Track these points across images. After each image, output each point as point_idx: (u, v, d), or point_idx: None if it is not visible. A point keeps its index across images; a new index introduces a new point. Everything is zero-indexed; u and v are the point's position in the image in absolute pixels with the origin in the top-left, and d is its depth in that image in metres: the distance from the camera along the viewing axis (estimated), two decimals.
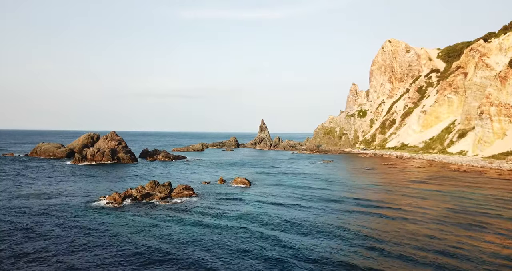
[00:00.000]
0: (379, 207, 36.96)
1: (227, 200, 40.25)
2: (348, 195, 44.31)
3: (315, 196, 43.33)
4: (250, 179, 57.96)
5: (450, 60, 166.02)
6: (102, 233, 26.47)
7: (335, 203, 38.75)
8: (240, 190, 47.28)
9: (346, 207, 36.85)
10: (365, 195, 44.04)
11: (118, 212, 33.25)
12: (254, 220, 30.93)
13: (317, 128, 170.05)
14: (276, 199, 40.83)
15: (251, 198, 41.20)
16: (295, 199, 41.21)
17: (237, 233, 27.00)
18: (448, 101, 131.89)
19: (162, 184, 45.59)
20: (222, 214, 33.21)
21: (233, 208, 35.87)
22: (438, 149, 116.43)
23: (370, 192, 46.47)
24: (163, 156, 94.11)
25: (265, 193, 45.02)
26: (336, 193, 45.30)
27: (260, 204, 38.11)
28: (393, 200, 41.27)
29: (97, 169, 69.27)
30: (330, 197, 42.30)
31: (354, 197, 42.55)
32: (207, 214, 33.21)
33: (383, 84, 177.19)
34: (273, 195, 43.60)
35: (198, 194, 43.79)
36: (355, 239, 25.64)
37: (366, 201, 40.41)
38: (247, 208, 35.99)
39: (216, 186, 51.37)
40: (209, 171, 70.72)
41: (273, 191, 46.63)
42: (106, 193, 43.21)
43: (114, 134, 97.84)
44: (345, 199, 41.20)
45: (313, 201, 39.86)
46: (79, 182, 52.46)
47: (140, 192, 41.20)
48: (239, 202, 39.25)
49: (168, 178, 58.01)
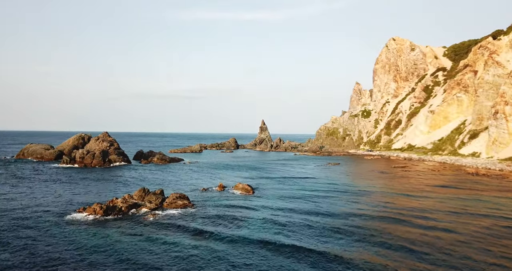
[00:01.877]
0: (429, 227, 30.99)
1: (229, 212, 34.36)
2: (378, 207, 38.47)
3: (335, 207, 37.47)
4: (253, 184, 52.13)
5: (457, 58, 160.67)
6: (65, 261, 20.59)
7: (362, 219, 32.88)
8: (243, 199, 41.42)
9: (383, 225, 30.72)
10: (396, 206, 38.22)
11: (96, 229, 27.37)
12: (265, 243, 25.08)
13: (320, 129, 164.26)
14: (286, 213, 34.93)
15: (257, 212, 35.31)
16: (312, 212, 35.29)
17: (247, 263, 21.15)
18: (458, 101, 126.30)
19: (153, 192, 39.73)
20: (224, 233, 27.32)
21: (237, 224, 29.99)
22: (449, 151, 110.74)
23: (400, 202, 40.66)
24: (158, 158, 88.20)
25: (271, 204, 39.17)
26: (359, 204, 39.45)
27: (268, 219, 32.24)
28: (431, 213, 35.45)
29: (85, 173, 63.35)
30: (354, 210, 36.34)
31: (386, 210, 36.73)
32: (205, 232, 27.34)
33: (388, 84, 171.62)
34: (282, 207, 37.73)
35: (194, 204, 37.93)
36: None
37: (401, 213, 34.58)
38: (253, 225, 30.14)
39: (215, 193, 45.53)
40: (207, 175, 64.88)
41: (280, 201, 40.77)
42: (88, 202, 37.32)
43: (107, 135, 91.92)
44: (376, 214, 35.32)
45: (334, 216, 33.97)
46: (61, 188, 46.53)
47: (127, 202, 35.31)
48: (243, 215, 33.39)
49: (161, 184, 52.12)
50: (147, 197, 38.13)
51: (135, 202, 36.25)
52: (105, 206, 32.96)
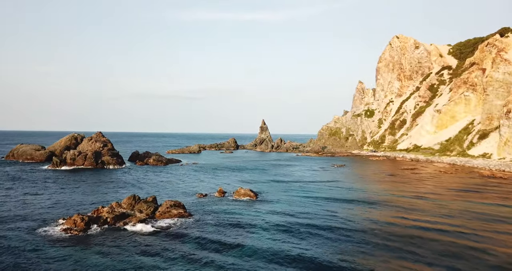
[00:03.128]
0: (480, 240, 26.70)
1: (231, 225, 29.93)
2: (398, 214, 34.10)
3: (351, 216, 33.08)
4: (255, 189, 47.76)
5: (463, 56, 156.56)
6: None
7: (386, 227, 28.50)
8: (245, 207, 37.01)
9: (420, 237, 26.49)
10: (424, 214, 33.85)
11: (71, 249, 22.91)
12: (276, 262, 20.68)
13: (322, 129, 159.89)
14: (297, 225, 30.54)
15: (262, 223, 30.90)
16: (328, 225, 30.90)
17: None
18: (465, 100, 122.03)
19: (144, 199, 35.29)
20: (226, 253, 22.89)
21: (242, 240, 25.58)
22: (457, 151, 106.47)
23: (424, 208, 36.30)
24: (155, 159, 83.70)
25: (278, 213, 34.76)
26: (380, 213, 35.08)
27: (276, 232, 27.86)
28: (464, 224, 31.10)
29: (74, 176, 58.88)
30: (376, 222, 31.97)
31: (413, 219, 32.37)
32: (204, 249, 22.96)
33: (391, 82, 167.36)
34: (290, 216, 33.34)
35: (190, 213, 33.52)
36: None
37: (429, 227, 30.23)
38: (261, 240, 25.75)
39: (215, 199, 41.11)
40: (205, 179, 60.45)
41: (288, 210, 36.36)
42: (70, 212, 32.90)
43: (100, 135, 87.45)
44: (404, 224, 30.96)
45: (354, 228, 29.59)
46: (43, 194, 42.06)
47: (113, 212, 30.89)
48: (248, 226, 29.01)
49: (155, 189, 47.65)
50: (138, 205, 33.70)
51: (123, 211, 31.82)
52: (87, 217, 28.52)
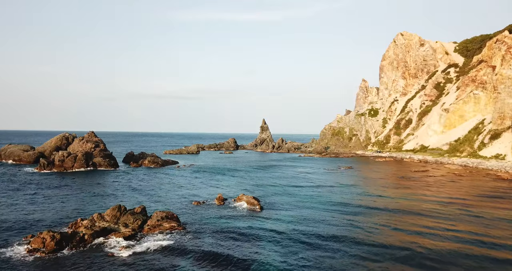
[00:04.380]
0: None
1: (233, 237, 25.08)
2: (427, 223, 29.25)
3: (372, 224, 28.22)
4: (259, 195, 42.95)
5: (469, 54, 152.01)
6: None
7: (417, 239, 23.66)
8: (249, 218, 32.15)
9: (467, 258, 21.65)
10: (450, 225, 29.03)
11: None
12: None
13: (324, 128, 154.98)
14: (311, 233, 25.66)
15: (270, 236, 26.02)
16: (344, 232, 26.03)
17: None
18: (475, 98, 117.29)
19: (131, 210, 30.43)
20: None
21: (246, 258, 20.75)
22: (468, 152, 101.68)
23: (456, 219, 31.47)
24: (150, 161, 78.73)
25: (288, 223, 29.89)
26: (402, 220, 30.23)
27: (289, 246, 22.99)
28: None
29: (61, 180, 53.96)
30: (399, 228, 27.13)
31: (451, 231, 27.54)
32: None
33: (396, 81, 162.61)
34: (302, 226, 28.45)
35: (186, 227, 28.67)
36: None
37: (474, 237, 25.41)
38: (270, 258, 20.90)
39: (213, 208, 36.23)
40: (203, 182, 55.55)
41: (298, 218, 31.51)
42: (43, 225, 28.06)
43: (93, 135, 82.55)
44: (433, 236, 26.09)
45: (379, 240, 24.74)
46: (18, 202, 37.16)
47: (93, 227, 26.03)
48: (253, 240, 24.15)
49: (146, 195, 42.72)
50: (123, 217, 28.84)
51: (104, 226, 26.95)
52: (60, 234, 23.62)
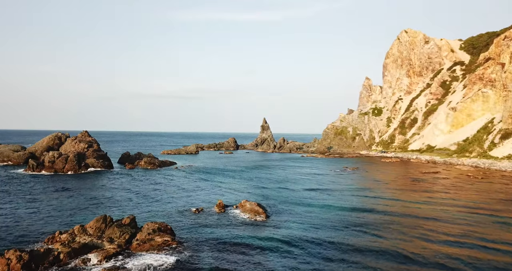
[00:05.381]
0: None
1: (237, 253, 21.12)
2: (459, 232, 25.31)
3: (398, 234, 24.26)
4: (264, 200, 39.05)
5: (476, 51, 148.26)
6: None
7: (455, 252, 19.69)
8: (253, 229, 28.22)
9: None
10: (485, 235, 25.10)
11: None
12: None
13: (327, 128, 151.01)
14: (330, 246, 21.68)
15: (281, 253, 22.06)
16: (368, 244, 22.05)
17: None
18: (483, 97, 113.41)
19: (119, 220, 26.49)
20: None
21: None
22: (477, 152, 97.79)
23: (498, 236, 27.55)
24: (146, 162, 74.73)
25: (300, 235, 25.93)
26: (428, 229, 26.27)
27: (305, 264, 19.04)
28: None
29: (49, 183, 50.00)
30: (430, 239, 23.14)
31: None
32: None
33: (400, 79, 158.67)
34: (317, 238, 24.47)
35: (181, 241, 24.74)
36: None
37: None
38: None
39: (214, 217, 32.30)
40: (202, 186, 51.60)
41: (311, 227, 27.56)
42: (12, 240, 24.14)
43: (86, 135, 78.63)
44: (472, 248, 22.13)
45: (412, 255, 20.78)
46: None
47: (70, 245, 22.07)
48: (261, 259, 20.20)
49: (139, 202, 38.72)
50: (109, 230, 24.89)
51: (85, 242, 22.99)
52: (28, 254, 19.69)
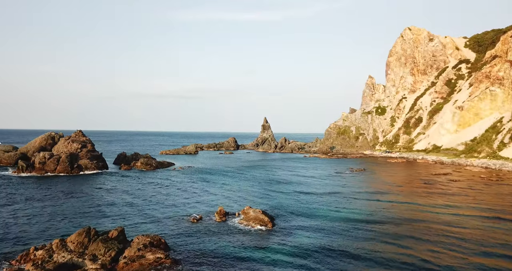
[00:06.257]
0: None
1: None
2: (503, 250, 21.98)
3: (430, 251, 20.92)
4: (268, 207, 35.72)
5: (481, 49, 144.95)
6: None
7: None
8: (260, 241, 24.87)
9: None
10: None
11: None
12: None
13: (329, 127, 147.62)
14: (349, 263, 18.32)
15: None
16: (396, 260, 18.68)
17: None
18: (491, 95, 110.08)
19: (104, 233, 23.09)
20: None
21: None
22: (486, 153, 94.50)
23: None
24: (143, 163, 71.31)
25: (314, 250, 22.57)
26: (465, 245, 22.94)
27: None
28: None
29: (37, 186, 46.59)
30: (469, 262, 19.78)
31: None
32: None
33: (404, 77, 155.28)
34: (334, 255, 21.12)
35: (176, 260, 21.35)
36: None
37: None
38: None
39: (214, 227, 28.92)
40: (201, 189, 48.21)
41: (326, 240, 24.22)
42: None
43: (80, 135, 75.26)
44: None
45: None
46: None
47: (44, 265, 18.71)
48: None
49: (131, 210, 35.29)
50: (92, 246, 21.51)
51: (63, 261, 19.63)
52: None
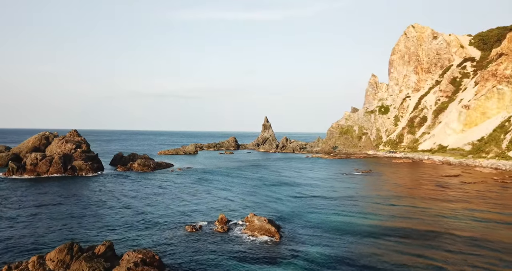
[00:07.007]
0: None
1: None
2: None
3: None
4: (274, 214, 32.89)
5: (487, 47, 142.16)
6: None
7: None
8: (266, 256, 22.03)
9: None
10: None
11: None
12: None
13: (332, 127, 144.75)
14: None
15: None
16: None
17: None
18: (498, 94, 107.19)
19: (90, 249, 20.23)
20: None
21: None
22: (495, 153, 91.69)
23: None
24: (140, 164, 68.45)
25: (329, 265, 19.73)
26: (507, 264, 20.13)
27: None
28: None
29: (26, 190, 43.75)
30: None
31: None
32: None
33: (407, 76, 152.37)
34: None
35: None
36: None
37: None
38: None
39: (214, 238, 26.08)
40: (200, 194, 45.35)
41: (342, 256, 21.39)
42: None
43: (75, 134, 72.39)
44: None
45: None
46: None
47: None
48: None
49: (121, 218, 32.32)
50: (75, 264, 18.66)
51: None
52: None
